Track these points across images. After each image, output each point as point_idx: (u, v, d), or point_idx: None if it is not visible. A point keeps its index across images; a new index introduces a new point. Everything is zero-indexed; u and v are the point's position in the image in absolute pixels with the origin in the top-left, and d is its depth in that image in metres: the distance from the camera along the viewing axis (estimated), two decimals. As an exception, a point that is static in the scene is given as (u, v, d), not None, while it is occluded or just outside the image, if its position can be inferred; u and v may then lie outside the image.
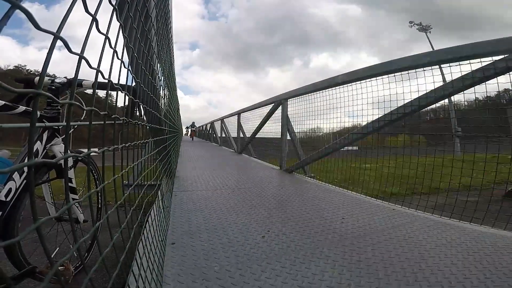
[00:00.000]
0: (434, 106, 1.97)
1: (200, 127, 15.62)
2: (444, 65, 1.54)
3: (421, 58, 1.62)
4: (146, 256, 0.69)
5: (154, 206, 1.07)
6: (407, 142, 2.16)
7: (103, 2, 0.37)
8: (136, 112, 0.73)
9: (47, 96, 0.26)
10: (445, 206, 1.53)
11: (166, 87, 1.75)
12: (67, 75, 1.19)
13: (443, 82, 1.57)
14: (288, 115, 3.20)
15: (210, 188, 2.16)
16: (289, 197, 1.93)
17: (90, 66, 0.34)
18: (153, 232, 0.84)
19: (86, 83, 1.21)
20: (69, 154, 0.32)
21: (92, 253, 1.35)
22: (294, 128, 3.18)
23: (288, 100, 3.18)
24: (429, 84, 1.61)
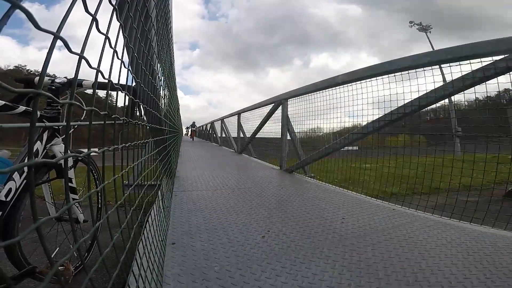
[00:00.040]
0: (434, 106, 1.97)
1: (200, 127, 15.59)
2: (444, 65, 1.54)
3: (421, 58, 1.62)
4: (146, 256, 0.69)
5: (154, 206, 1.07)
6: (407, 142, 2.16)
7: (103, 2, 0.37)
8: (136, 112, 0.73)
9: (47, 96, 0.26)
10: (445, 206, 1.53)
11: (166, 87, 1.75)
12: (67, 75, 1.19)
13: (443, 82, 1.57)
14: (288, 115, 3.21)
15: (210, 188, 2.16)
16: (289, 197, 1.93)
17: (90, 66, 0.34)
18: (153, 232, 0.84)
19: (86, 83, 1.21)
20: (69, 154, 0.32)
21: (92, 253, 1.35)
22: (294, 128, 3.18)
23: (288, 100, 3.18)
24: (429, 84, 1.61)
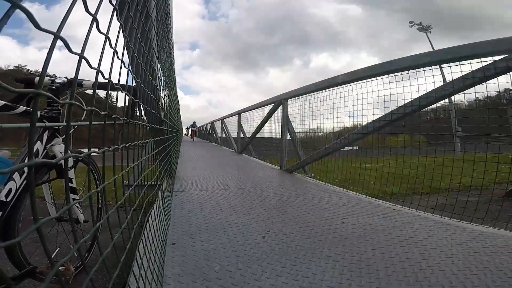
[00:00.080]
0: (434, 106, 1.97)
1: (200, 127, 15.57)
2: (444, 65, 1.54)
3: (421, 58, 1.62)
4: (146, 256, 0.69)
5: (155, 206, 1.07)
6: (407, 142, 2.16)
7: (103, 2, 0.37)
8: (137, 112, 0.73)
9: (47, 96, 0.26)
10: (445, 206, 1.53)
11: (166, 87, 1.75)
12: (67, 75, 1.19)
13: (443, 82, 1.57)
14: (288, 115, 3.20)
15: (211, 188, 2.16)
16: (289, 197, 1.93)
17: (90, 66, 0.34)
18: (153, 232, 0.84)
19: (86, 83, 1.21)
20: (69, 154, 0.32)
21: (93, 253, 1.35)
22: (294, 128, 3.18)
23: (289, 100, 3.18)
24: (429, 84, 1.61)
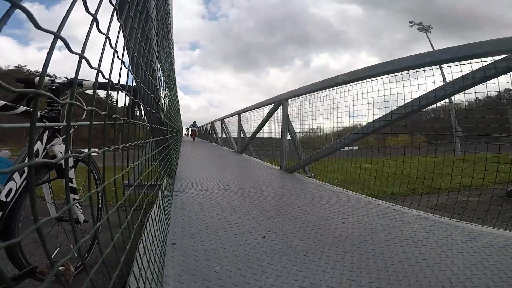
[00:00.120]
0: (434, 106, 1.97)
1: (200, 127, 15.56)
2: (444, 65, 1.54)
3: (421, 58, 1.62)
4: (146, 256, 0.69)
5: (155, 206, 1.07)
6: (408, 142, 2.16)
7: (103, 2, 0.37)
8: (137, 112, 0.73)
9: (47, 96, 0.26)
10: (445, 206, 1.53)
11: (167, 87, 1.75)
12: (67, 75, 1.19)
13: (443, 82, 1.57)
14: (289, 115, 3.20)
15: (211, 188, 2.16)
16: (289, 197, 1.93)
17: (90, 66, 0.34)
18: (153, 232, 0.84)
19: (86, 83, 1.21)
20: (69, 154, 0.32)
21: (93, 253, 1.35)
22: (294, 128, 3.18)
23: (289, 100, 3.18)
24: (429, 84, 1.61)
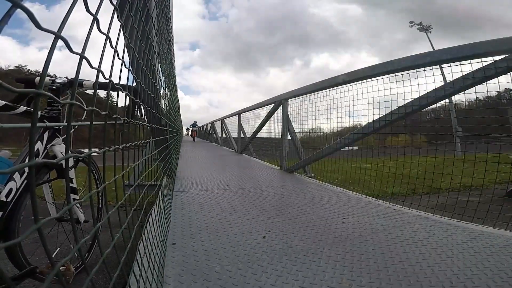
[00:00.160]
0: (434, 106, 1.97)
1: (200, 127, 15.56)
2: (444, 65, 1.54)
3: (421, 58, 1.62)
4: (147, 257, 0.69)
5: (155, 206, 1.07)
6: (408, 142, 2.16)
7: (104, 2, 0.37)
8: (137, 112, 0.73)
9: (47, 96, 0.26)
10: (446, 206, 1.53)
11: (167, 87, 1.75)
12: (67, 75, 1.19)
13: (443, 82, 1.57)
14: (289, 115, 3.20)
15: (211, 188, 2.16)
16: (289, 197, 1.93)
17: (91, 66, 0.34)
18: (153, 232, 0.84)
19: (86, 83, 1.21)
20: (70, 154, 0.32)
21: (93, 253, 1.35)
22: (294, 128, 3.18)
23: (289, 100, 3.18)
24: (429, 84, 1.61)
